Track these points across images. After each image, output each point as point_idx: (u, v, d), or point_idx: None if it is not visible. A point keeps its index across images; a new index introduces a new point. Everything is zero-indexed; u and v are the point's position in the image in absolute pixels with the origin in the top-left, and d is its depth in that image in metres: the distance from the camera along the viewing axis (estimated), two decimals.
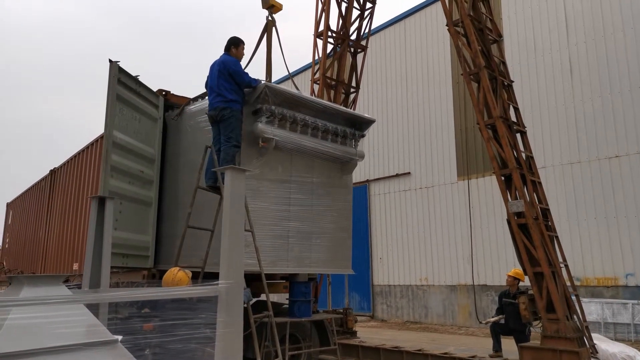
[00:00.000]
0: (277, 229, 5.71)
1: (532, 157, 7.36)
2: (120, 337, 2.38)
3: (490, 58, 7.32)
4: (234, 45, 5.74)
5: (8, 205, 15.64)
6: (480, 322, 8.88)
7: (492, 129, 7.09)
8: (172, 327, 3.32)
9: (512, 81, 7.70)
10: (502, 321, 7.82)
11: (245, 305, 4.57)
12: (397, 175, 15.16)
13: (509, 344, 7.77)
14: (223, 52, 5.76)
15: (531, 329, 7.38)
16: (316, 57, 9.87)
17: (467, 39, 7.27)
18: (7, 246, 14.95)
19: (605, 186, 10.75)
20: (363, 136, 6.73)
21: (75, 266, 7.99)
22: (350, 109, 9.24)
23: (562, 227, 9.99)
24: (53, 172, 10.57)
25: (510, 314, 7.55)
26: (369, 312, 15.23)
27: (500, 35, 7.94)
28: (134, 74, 6.10)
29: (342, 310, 8.83)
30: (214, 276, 3.29)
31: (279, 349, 4.92)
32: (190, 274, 4.44)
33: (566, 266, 6.96)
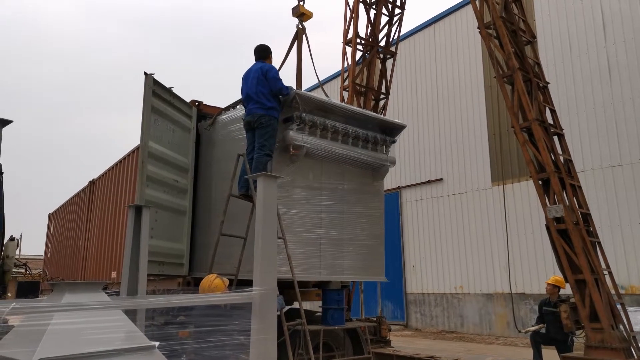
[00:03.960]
0: (309, 236, 5.70)
1: (570, 161, 7.12)
2: (157, 343, 2.41)
3: (524, 59, 7.15)
4: (269, 53, 5.86)
5: (50, 216, 16.24)
6: (520, 331, 8.60)
7: (528, 132, 6.90)
8: (207, 333, 3.35)
9: (548, 82, 7.49)
10: (543, 330, 7.56)
11: (279, 313, 4.57)
12: (429, 182, 14.95)
13: (550, 355, 7.50)
14: (255, 61, 5.78)
15: (574, 338, 7.09)
16: (345, 65, 9.87)
17: (499, 41, 7.13)
18: (49, 255, 15.50)
19: None
20: (394, 142, 6.66)
21: (114, 274, 8.20)
22: (381, 115, 9.18)
23: (604, 233, 9.60)
24: (92, 183, 10.92)
25: (552, 323, 7.27)
26: (403, 320, 15.00)
27: (534, 36, 7.74)
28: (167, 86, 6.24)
29: (375, 319, 8.73)
30: (248, 283, 3.31)
31: (312, 357, 4.89)
32: (227, 282, 4.47)
33: (610, 273, 6.67)
